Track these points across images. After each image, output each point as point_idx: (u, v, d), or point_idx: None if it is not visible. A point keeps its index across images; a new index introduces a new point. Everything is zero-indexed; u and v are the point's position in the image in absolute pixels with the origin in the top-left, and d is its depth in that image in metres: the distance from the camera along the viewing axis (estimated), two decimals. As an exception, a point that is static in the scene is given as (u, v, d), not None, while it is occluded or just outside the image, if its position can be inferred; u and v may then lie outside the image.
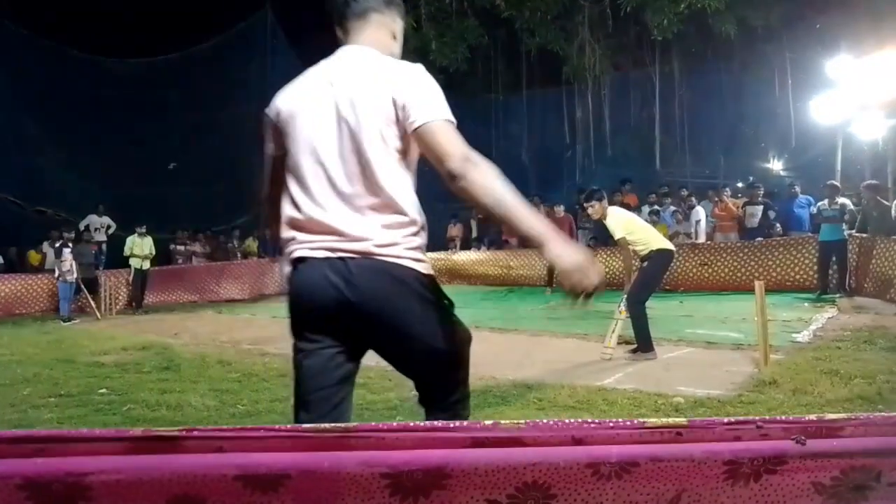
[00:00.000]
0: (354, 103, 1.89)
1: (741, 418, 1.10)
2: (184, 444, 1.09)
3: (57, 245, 11.99)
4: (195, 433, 1.10)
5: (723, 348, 6.49)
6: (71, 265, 11.51)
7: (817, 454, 1.09)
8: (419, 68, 1.97)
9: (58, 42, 15.73)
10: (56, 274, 11.59)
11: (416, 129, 1.83)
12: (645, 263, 6.21)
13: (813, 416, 1.12)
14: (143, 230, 12.78)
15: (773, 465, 1.08)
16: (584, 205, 6.62)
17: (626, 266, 6.54)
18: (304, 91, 2.04)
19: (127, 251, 12.62)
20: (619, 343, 6.31)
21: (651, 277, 6.23)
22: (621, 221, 6.23)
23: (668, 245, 6.35)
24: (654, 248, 6.16)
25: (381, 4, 2.12)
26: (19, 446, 1.06)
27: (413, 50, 17.16)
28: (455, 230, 17.23)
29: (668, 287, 11.99)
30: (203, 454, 1.08)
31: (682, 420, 1.09)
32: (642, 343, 6.12)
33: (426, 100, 1.86)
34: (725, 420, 1.10)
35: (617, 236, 6.21)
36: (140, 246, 12.61)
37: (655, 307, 9.68)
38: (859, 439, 1.11)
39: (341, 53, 2.09)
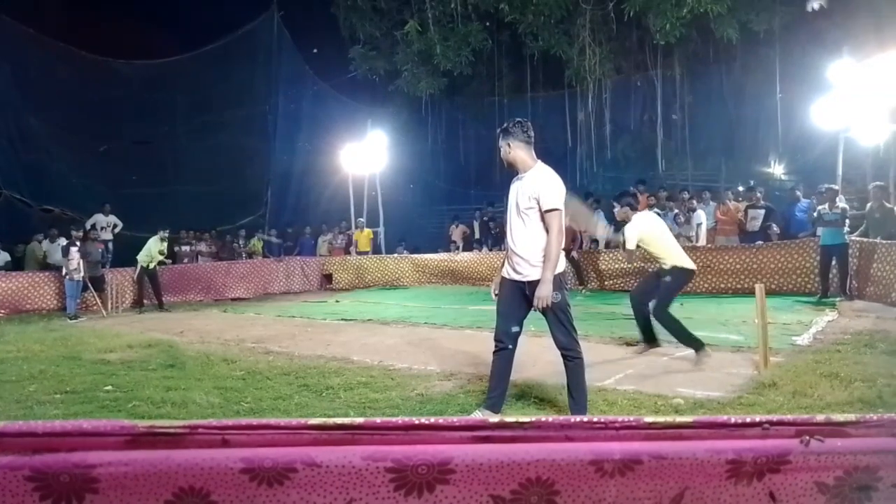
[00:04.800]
0: None
1: (746, 417, 1.11)
2: (189, 438, 1.10)
3: (64, 244, 11.97)
4: (200, 427, 1.11)
5: (723, 350, 6.47)
6: (78, 263, 11.50)
7: (821, 454, 1.10)
8: None
9: (66, 43, 15.74)
10: (63, 272, 11.59)
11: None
12: (667, 278, 6.13)
13: (819, 416, 1.12)
14: (166, 234, 12.80)
15: (776, 464, 1.09)
16: (613, 202, 6.71)
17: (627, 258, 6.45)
18: None
19: (146, 253, 12.59)
20: (626, 344, 6.41)
21: (669, 291, 6.16)
22: (637, 231, 6.16)
23: (690, 265, 6.25)
24: (676, 265, 6.12)
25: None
26: (27, 439, 1.08)
27: (418, 53, 17.20)
28: (457, 233, 17.27)
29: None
30: (209, 448, 1.09)
31: (687, 418, 1.10)
32: (689, 343, 6.01)
33: None
34: (730, 419, 1.11)
35: (628, 245, 6.18)
36: (160, 250, 12.63)
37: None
38: (864, 440, 1.11)
39: None
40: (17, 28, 14.78)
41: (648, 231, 6.23)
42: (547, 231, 4.08)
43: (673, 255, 6.20)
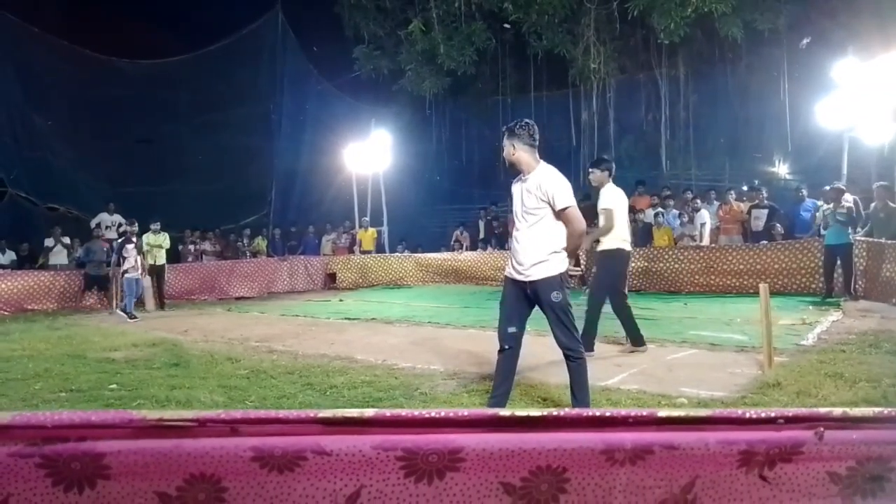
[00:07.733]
0: None
1: (762, 412, 1.11)
2: (198, 429, 1.10)
3: (119, 240, 11.85)
4: (209, 419, 1.11)
5: (727, 350, 6.47)
6: (135, 261, 11.33)
7: (834, 444, 1.10)
8: None
9: (70, 42, 15.77)
10: (122, 269, 11.39)
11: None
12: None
13: (836, 411, 1.12)
14: (158, 227, 12.81)
15: (788, 454, 1.09)
16: (590, 169, 6.72)
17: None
18: None
19: (145, 248, 12.64)
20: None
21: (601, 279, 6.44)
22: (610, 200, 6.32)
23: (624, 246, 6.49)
24: (608, 248, 6.32)
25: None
26: (36, 430, 1.08)
27: (422, 53, 17.22)
28: (463, 238, 17.27)
29: (672, 289, 11.98)
30: (219, 437, 1.10)
31: (702, 412, 1.10)
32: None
33: None
34: (745, 413, 1.11)
35: (603, 205, 6.31)
36: (156, 239, 12.62)
37: (659, 309, 9.71)
38: (877, 431, 1.11)
39: None
40: (22, 26, 14.82)
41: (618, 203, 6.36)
42: (566, 227, 4.14)
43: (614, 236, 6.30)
